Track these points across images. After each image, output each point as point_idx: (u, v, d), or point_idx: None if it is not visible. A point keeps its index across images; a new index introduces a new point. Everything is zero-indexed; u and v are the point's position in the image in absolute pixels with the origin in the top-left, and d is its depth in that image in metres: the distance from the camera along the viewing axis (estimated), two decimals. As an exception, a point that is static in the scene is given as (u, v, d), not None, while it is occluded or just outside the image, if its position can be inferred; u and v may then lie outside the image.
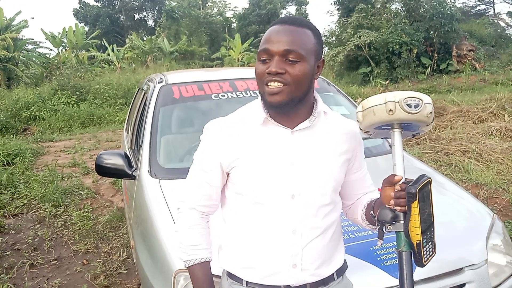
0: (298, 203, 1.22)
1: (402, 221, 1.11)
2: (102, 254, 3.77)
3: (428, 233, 1.12)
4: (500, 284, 1.92)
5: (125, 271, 3.44)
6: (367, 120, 1.14)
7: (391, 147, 1.20)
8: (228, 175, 1.28)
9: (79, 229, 4.31)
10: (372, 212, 1.26)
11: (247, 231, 1.27)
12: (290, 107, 1.19)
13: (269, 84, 1.16)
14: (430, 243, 1.13)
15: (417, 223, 1.07)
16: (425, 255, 1.11)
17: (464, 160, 5.58)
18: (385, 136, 1.21)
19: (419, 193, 1.07)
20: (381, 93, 1.15)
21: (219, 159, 1.26)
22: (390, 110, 1.09)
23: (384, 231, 1.14)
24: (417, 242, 1.08)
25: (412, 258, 1.12)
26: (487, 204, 4.23)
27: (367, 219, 1.32)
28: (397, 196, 1.12)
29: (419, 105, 1.08)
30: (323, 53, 1.27)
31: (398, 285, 1.15)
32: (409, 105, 1.08)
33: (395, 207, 1.12)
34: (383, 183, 1.18)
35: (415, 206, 1.07)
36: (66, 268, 3.58)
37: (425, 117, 1.10)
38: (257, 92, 1.26)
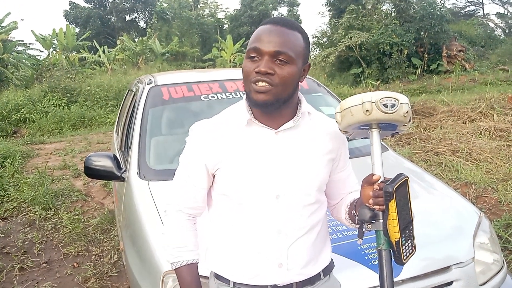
0: (283, 203, 1.23)
1: (381, 220, 1.12)
2: (93, 256, 3.75)
3: (407, 231, 1.14)
4: (487, 282, 1.94)
5: (116, 274, 3.43)
6: (345, 121, 1.15)
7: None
8: (213, 176, 1.29)
9: (70, 232, 4.29)
10: (354, 211, 1.28)
11: (233, 232, 1.28)
12: (275, 107, 1.20)
13: (257, 83, 1.17)
14: (409, 241, 1.14)
15: (395, 221, 1.08)
16: (405, 253, 1.12)
17: (453, 160, 5.63)
18: (364, 136, 1.22)
19: (396, 192, 1.08)
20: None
21: (204, 161, 1.26)
22: (367, 110, 1.10)
23: (364, 230, 1.15)
24: (396, 240, 1.09)
25: (392, 257, 1.13)
26: (476, 203, 4.27)
27: (350, 218, 1.33)
28: (375, 196, 1.13)
29: (395, 105, 1.10)
30: (309, 57, 1.28)
31: None
32: (385, 105, 1.09)
33: (373, 206, 1.13)
34: (362, 182, 1.19)
35: (392, 205, 1.08)
36: (56, 271, 3.56)
37: (401, 117, 1.11)
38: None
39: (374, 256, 1.77)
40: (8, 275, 3.51)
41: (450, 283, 1.81)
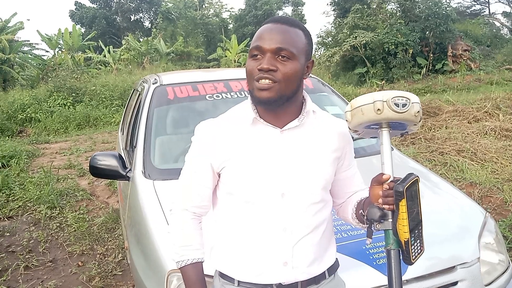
0: (288, 201, 1.23)
1: (390, 220, 1.12)
2: (98, 255, 3.76)
3: (416, 231, 1.13)
4: (492, 282, 1.94)
5: (120, 273, 3.44)
6: (356, 120, 1.15)
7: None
8: (219, 175, 1.29)
9: (75, 230, 4.30)
10: (361, 210, 1.27)
11: (238, 231, 1.28)
12: (278, 104, 1.20)
13: (260, 80, 1.17)
14: (418, 241, 1.14)
15: (405, 221, 1.08)
16: (413, 253, 1.12)
17: (459, 160, 5.60)
18: (373, 136, 1.22)
19: (406, 192, 1.08)
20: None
21: (210, 160, 1.27)
22: (378, 109, 1.10)
23: (373, 229, 1.15)
24: (405, 240, 1.09)
25: (401, 256, 1.13)
26: (481, 203, 4.25)
27: (357, 218, 1.32)
28: (385, 195, 1.12)
29: (406, 104, 1.09)
30: (312, 54, 1.28)
31: None
32: (396, 104, 1.09)
33: (383, 206, 1.13)
34: (372, 182, 1.19)
35: (402, 204, 1.08)
36: (61, 270, 3.57)
37: (412, 116, 1.11)
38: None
39: (379, 256, 1.77)
40: (13, 274, 3.53)
41: (455, 283, 1.81)
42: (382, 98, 1.10)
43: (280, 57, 1.17)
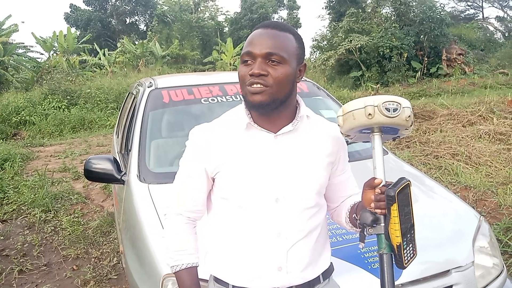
0: (283, 206, 1.24)
1: (382, 224, 1.12)
2: (92, 259, 3.75)
3: (408, 236, 1.14)
4: (486, 286, 1.94)
5: (115, 277, 3.42)
6: (347, 124, 1.16)
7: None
8: (213, 180, 1.30)
9: (69, 234, 4.28)
10: (355, 215, 1.28)
11: (232, 235, 1.28)
12: (271, 108, 1.21)
13: (252, 85, 1.18)
14: (410, 245, 1.15)
15: (396, 225, 1.09)
16: (406, 257, 1.12)
17: (453, 163, 5.63)
18: (366, 140, 1.23)
19: (398, 196, 1.08)
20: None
21: (204, 164, 1.27)
22: (369, 114, 1.11)
23: (366, 234, 1.16)
24: (398, 244, 1.10)
25: (393, 260, 1.13)
26: (475, 207, 4.27)
27: (350, 222, 1.33)
28: (377, 199, 1.13)
29: (397, 109, 1.10)
30: (307, 58, 1.29)
31: None
32: (387, 109, 1.10)
33: (375, 210, 1.13)
34: (364, 186, 1.20)
35: (394, 208, 1.08)
36: (55, 274, 3.55)
37: (403, 121, 1.12)
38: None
39: (373, 260, 1.77)
40: (8, 278, 3.50)
41: (450, 287, 1.81)
42: (373, 103, 1.11)
43: (270, 61, 1.18)
